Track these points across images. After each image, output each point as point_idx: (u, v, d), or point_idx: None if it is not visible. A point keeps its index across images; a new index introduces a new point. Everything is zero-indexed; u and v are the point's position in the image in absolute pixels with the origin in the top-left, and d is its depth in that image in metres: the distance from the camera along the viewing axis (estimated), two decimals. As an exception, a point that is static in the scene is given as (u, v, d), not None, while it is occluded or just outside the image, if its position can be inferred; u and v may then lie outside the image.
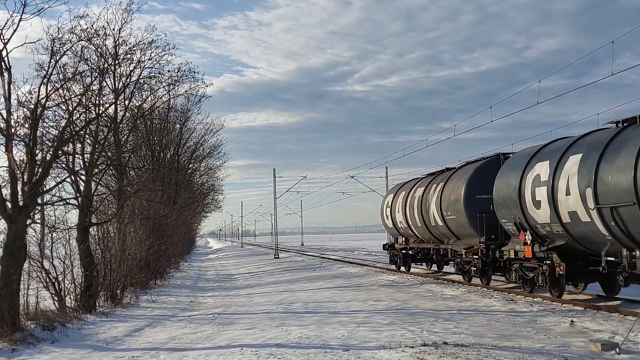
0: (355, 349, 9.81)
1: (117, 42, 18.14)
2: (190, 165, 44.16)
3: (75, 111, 16.08)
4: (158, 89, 23.24)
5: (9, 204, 13.40)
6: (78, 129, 16.43)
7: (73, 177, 17.04)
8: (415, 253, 27.25)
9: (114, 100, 19.35)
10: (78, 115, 16.54)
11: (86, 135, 17.45)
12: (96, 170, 18.33)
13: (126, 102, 20.93)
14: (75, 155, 17.18)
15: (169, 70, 21.26)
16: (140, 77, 20.80)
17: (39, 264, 15.70)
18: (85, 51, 16.71)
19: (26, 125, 13.99)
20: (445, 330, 11.54)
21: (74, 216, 18.15)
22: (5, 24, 13.16)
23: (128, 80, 20.31)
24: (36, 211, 15.54)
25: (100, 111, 17.59)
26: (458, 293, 18.50)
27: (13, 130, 13.55)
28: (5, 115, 13.34)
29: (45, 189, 15.27)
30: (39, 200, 15.22)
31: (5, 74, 13.24)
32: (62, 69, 15.46)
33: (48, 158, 14.58)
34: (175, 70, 21.60)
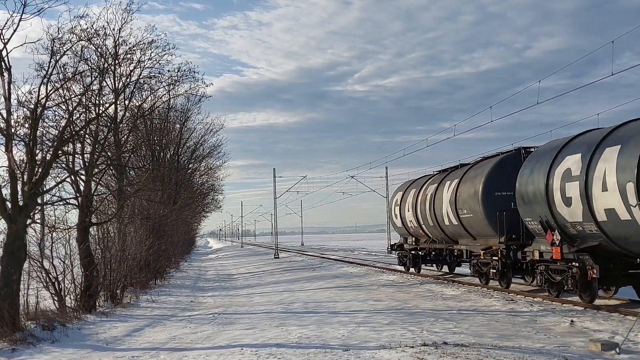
0: (355, 348, 9.81)
1: (117, 42, 18.16)
2: (190, 165, 44.16)
3: (75, 111, 16.09)
4: (158, 89, 23.27)
5: (9, 204, 13.39)
6: (78, 129, 16.43)
7: (73, 177, 17.03)
8: (426, 254, 25.97)
9: (114, 100, 19.36)
10: (78, 115, 16.55)
11: (86, 135, 17.44)
12: (96, 170, 18.32)
13: (126, 102, 20.95)
14: (75, 155, 17.18)
15: (169, 70, 21.29)
16: (140, 77, 20.81)
17: (39, 263, 15.70)
18: (85, 51, 16.74)
19: (26, 125, 13.99)
20: (445, 330, 11.54)
21: (74, 216, 18.19)
22: (5, 24, 13.18)
23: (128, 80, 20.33)
24: (36, 211, 15.54)
25: (100, 111, 17.59)
26: (458, 293, 18.50)
27: (13, 130, 13.55)
28: (5, 115, 13.35)
29: (45, 189, 15.26)
30: (39, 200, 15.22)
31: (5, 74, 13.24)
32: (62, 69, 15.48)
33: (48, 158, 14.57)
34: (175, 70, 21.63)
